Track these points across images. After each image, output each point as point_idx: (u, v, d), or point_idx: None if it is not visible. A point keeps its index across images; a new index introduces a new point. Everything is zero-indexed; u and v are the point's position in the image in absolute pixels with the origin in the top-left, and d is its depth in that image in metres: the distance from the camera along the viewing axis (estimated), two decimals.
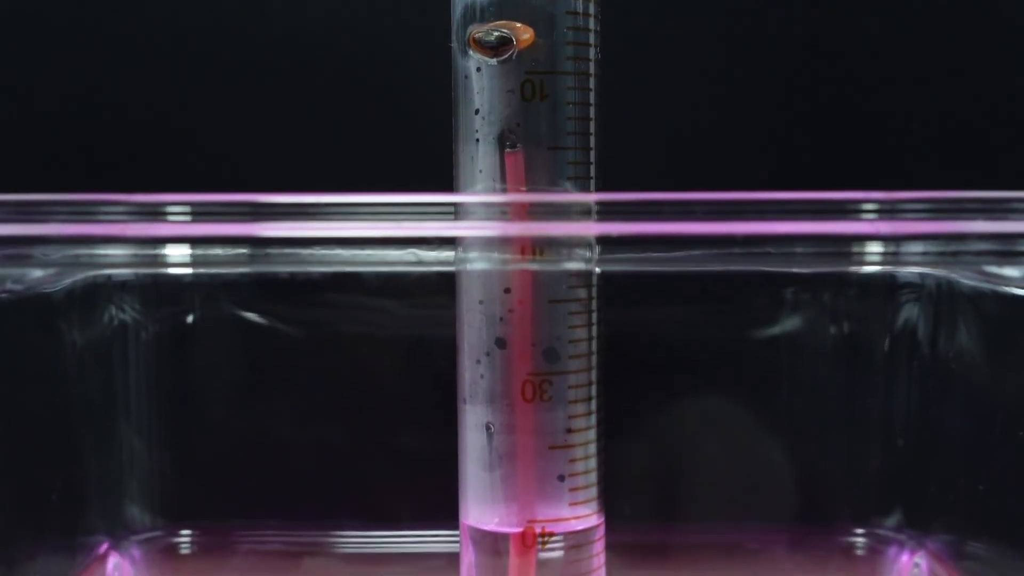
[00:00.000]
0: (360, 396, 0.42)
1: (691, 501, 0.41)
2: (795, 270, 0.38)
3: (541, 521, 0.33)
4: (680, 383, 0.41)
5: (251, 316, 0.40)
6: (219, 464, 0.41)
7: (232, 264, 0.25)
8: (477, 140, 0.32)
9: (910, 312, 0.39)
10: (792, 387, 0.41)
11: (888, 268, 0.38)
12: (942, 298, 0.38)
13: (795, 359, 0.40)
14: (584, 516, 0.33)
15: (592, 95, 0.32)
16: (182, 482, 0.41)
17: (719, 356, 0.41)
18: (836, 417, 0.41)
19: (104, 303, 0.39)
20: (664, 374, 0.41)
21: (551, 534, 0.33)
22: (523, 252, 0.31)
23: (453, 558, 0.34)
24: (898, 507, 0.40)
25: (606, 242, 0.26)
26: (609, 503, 0.34)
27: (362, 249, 0.26)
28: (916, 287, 0.39)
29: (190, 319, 0.40)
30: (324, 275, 0.39)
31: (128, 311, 0.40)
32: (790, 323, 0.40)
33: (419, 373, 0.41)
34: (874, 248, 0.26)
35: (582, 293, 0.32)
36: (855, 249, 0.26)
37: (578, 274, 0.32)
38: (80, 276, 0.35)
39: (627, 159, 0.30)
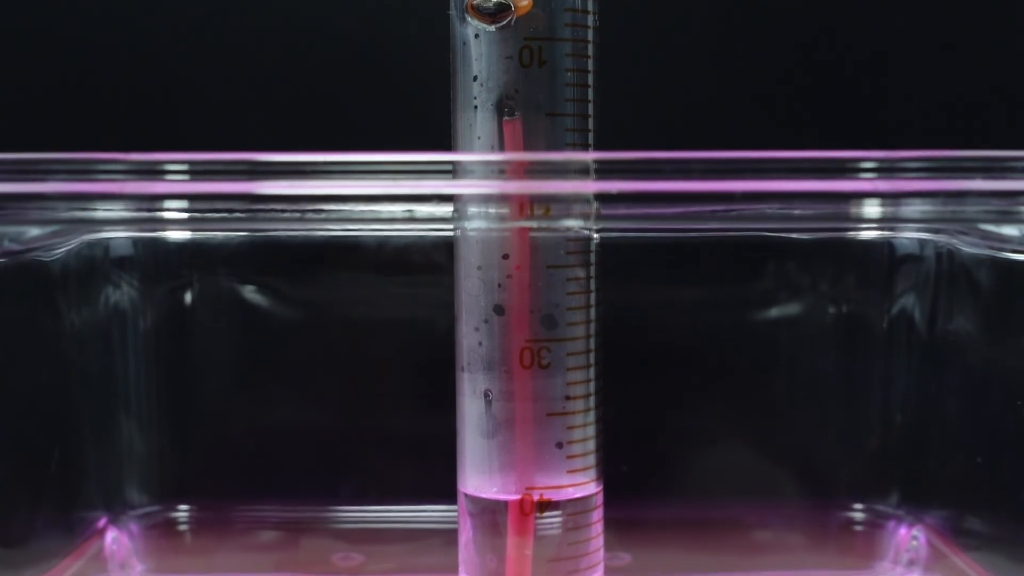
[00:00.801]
0: (360, 373, 0.41)
1: (687, 476, 0.41)
2: (794, 236, 0.38)
3: (539, 488, 0.33)
4: (675, 359, 0.41)
5: (249, 291, 0.40)
6: (218, 440, 0.41)
7: (230, 222, 0.25)
8: (475, 107, 0.32)
9: (908, 283, 0.39)
10: (788, 363, 0.41)
11: (887, 234, 0.38)
12: (941, 268, 0.38)
13: (791, 333, 0.40)
14: (582, 484, 0.33)
15: (590, 62, 0.32)
16: (180, 458, 0.41)
17: (715, 330, 0.41)
18: (834, 392, 0.41)
19: (102, 278, 0.39)
20: (657, 351, 0.41)
21: (549, 501, 0.33)
22: (521, 212, 0.31)
23: (452, 535, 0.34)
24: (896, 482, 0.40)
25: (605, 200, 0.26)
26: (607, 478, 0.34)
27: (359, 205, 0.26)
28: (915, 257, 0.39)
29: (188, 294, 0.40)
30: (323, 249, 0.39)
31: (125, 287, 0.40)
32: (787, 297, 0.40)
33: (418, 348, 0.41)
34: (873, 207, 0.26)
35: (581, 259, 0.32)
36: (854, 208, 0.26)
37: (577, 240, 0.32)
38: (76, 242, 0.35)
39: (625, 127, 0.30)
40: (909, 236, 0.38)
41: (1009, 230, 0.28)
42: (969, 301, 0.37)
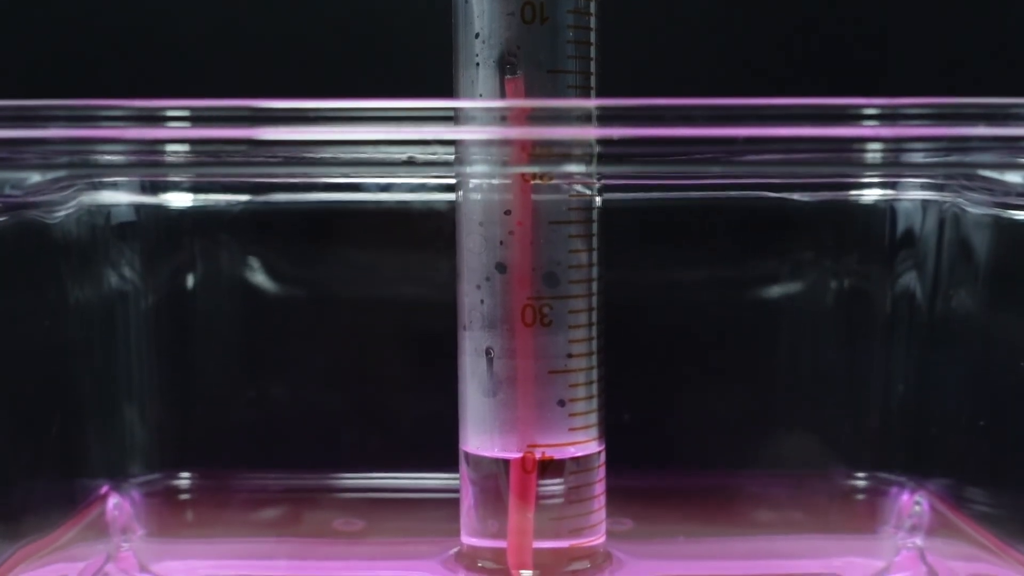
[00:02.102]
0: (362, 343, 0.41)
1: (689, 445, 0.41)
2: (796, 197, 0.38)
3: (541, 446, 0.33)
4: (675, 325, 0.41)
5: (251, 259, 0.40)
6: (220, 406, 0.41)
7: (230, 166, 0.25)
8: (477, 64, 0.32)
9: (910, 248, 0.39)
10: (789, 329, 0.41)
11: (889, 195, 0.38)
12: (943, 230, 0.38)
13: (791, 301, 0.40)
14: (584, 442, 0.33)
15: (592, 19, 0.32)
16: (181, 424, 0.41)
17: (714, 298, 0.41)
18: (835, 360, 0.41)
19: (103, 245, 0.39)
20: (655, 320, 0.41)
21: (551, 460, 0.33)
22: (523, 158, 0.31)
23: (455, 503, 0.34)
24: (899, 449, 0.40)
25: (606, 145, 0.26)
26: (609, 447, 0.34)
27: (360, 151, 0.25)
28: (917, 218, 0.39)
29: (190, 263, 0.40)
30: (324, 214, 0.39)
31: (127, 253, 0.40)
32: (787, 263, 0.40)
33: (421, 316, 0.41)
34: (875, 154, 0.26)
35: (583, 216, 0.32)
36: (856, 154, 0.26)
37: (579, 196, 0.32)
38: (75, 206, 0.35)
39: (628, 84, 0.30)
40: (912, 198, 0.38)
41: (1012, 177, 0.28)
42: (972, 264, 0.37)
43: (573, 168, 0.25)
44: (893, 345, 0.40)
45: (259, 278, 0.41)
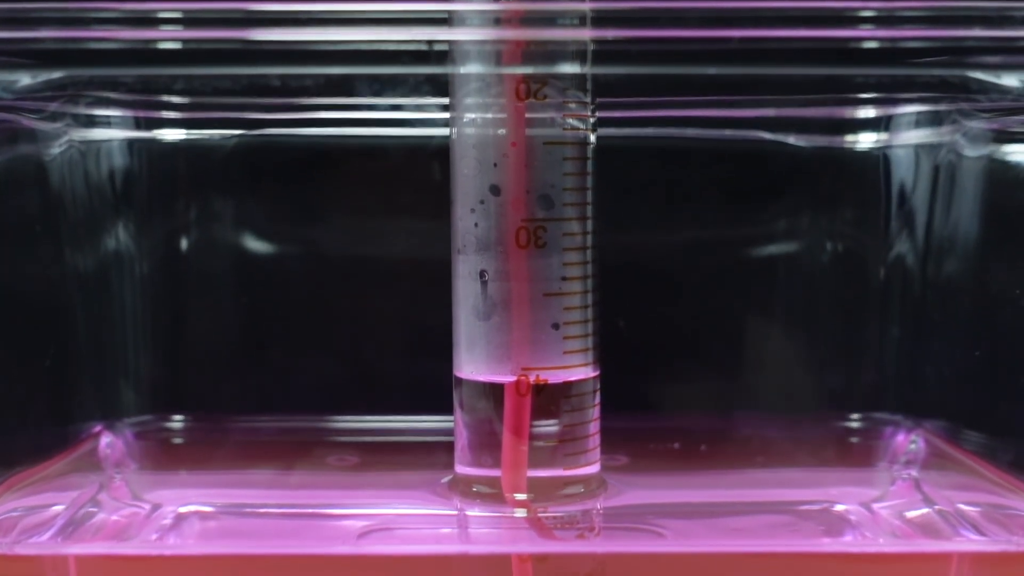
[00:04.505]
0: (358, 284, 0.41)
1: (686, 386, 0.41)
2: (791, 141, 0.38)
3: (535, 369, 0.32)
4: (668, 269, 0.41)
5: (245, 195, 0.40)
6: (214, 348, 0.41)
7: (223, 64, 0.25)
8: None
9: (906, 187, 0.39)
10: (785, 272, 0.40)
11: (884, 139, 0.38)
12: (939, 171, 0.38)
13: (787, 240, 0.40)
14: (579, 366, 0.33)
15: None
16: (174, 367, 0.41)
17: (709, 235, 0.41)
18: (831, 300, 0.41)
19: (96, 179, 0.39)
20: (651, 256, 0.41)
21: (545, 384, 0.32)
22: (517, 93, 0.31)
23: (449, 445, 0.34)
24: (894, 390, 0.40)
25: (600, 45, 0.26)
26: (605, 387, 0.34)
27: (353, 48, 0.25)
28: (912, 162, 0.39)
29: (183, 199, 0.40)
30: (317, 149, 0.39)
31: (121, 191, 0.40)
32: (782, 202, 0.40)
33: (414, 255, 0.41)
34: (870, 48, 0.26)
35: (578, 137, 0.32)
36: (851, 67, 0.26)
37: (574, 117, 0.32)
38: (66, 143, 0.35)
39: None
40: (908, 142, 0.38)
41: (1009, 80, 0.28)
42: (968, 205, 0.37)
43: (567, 69, 0.25)
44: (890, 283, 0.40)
45: (253, 216, 0.40)
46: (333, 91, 0.37)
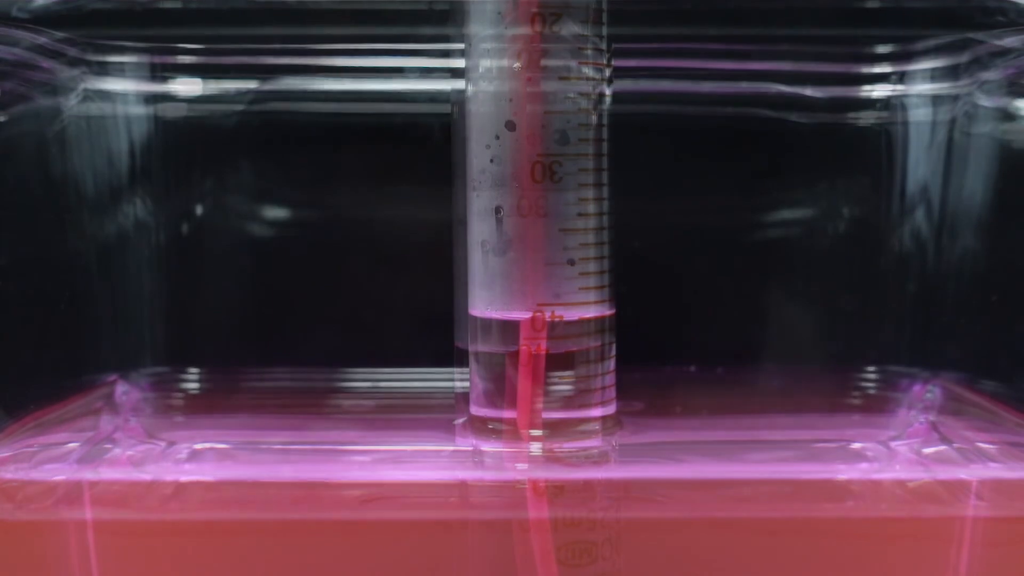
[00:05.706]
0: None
1: (704, 338, 0.41)
2: (793, 119, 0.38)
3: (551, 305, 0.32)
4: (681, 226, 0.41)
5: (258, 155, 0.40)
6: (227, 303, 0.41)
7: (229, 25, 0.25)
8: None
9: (919, 144, 0.39)
10: (802, 227, 0.40)
11: (899, 86, 0.38)
12: (954, 126, 0.38)
13: (802, 197, 0.40)
14: (594, 303, 0.33)
15: None
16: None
17: (725, 191, 0.40)
18: (848, 253, 0.41)
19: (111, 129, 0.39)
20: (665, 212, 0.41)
21: (560, 320, 0.32)
22: (532, 23, 0.31)
23: (463, 397, 0.34)
24: (911, 341, 0.40)
25: None
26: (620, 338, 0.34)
27: None
28: (929, 113, 0.39)
29: (199, 156, 0.40)
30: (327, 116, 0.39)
31: (137, 141, 0.40)
32: (796, 159, 0.40)
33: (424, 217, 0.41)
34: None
35: (593, 72, 0.32)
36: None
37: (590, 50, 0.32)
38: (92, 88, 0.35)
39: None
40: (922, 94, 0.38)
41: None
42: (984, 156, 0.37)
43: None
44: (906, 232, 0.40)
45: (268, 170, 0.40)
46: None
